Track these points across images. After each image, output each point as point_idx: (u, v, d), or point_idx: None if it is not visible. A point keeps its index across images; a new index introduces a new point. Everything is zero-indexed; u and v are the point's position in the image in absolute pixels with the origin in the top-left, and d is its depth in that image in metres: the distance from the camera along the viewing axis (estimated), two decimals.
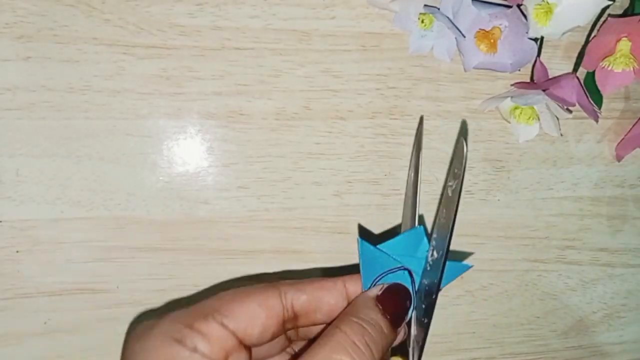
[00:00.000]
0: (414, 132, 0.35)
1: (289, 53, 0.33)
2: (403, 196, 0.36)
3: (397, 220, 0.36)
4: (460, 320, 0.38)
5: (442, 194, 0.25)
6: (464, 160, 0.24)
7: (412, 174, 0.30)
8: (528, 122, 0.36)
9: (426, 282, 0.26)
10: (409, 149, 0.35)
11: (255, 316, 0.24)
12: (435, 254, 0.25)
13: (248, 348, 0.24)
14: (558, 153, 0.38)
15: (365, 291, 0.25)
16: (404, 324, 0.25)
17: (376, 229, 0.36)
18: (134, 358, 0.23)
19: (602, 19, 0.35)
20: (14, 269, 0.32)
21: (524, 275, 0.39)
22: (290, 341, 0.28)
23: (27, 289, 0.32)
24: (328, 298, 0.25)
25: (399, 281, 0.26)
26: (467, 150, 0.24)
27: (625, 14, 0.35)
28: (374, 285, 0.26)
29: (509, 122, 0.36)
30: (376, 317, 0.24)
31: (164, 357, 0.22)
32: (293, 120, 0.34)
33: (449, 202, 0.25)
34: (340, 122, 0.34)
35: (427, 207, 0.36)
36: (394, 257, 0.26)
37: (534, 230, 0.39)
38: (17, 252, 0.32)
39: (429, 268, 0.25)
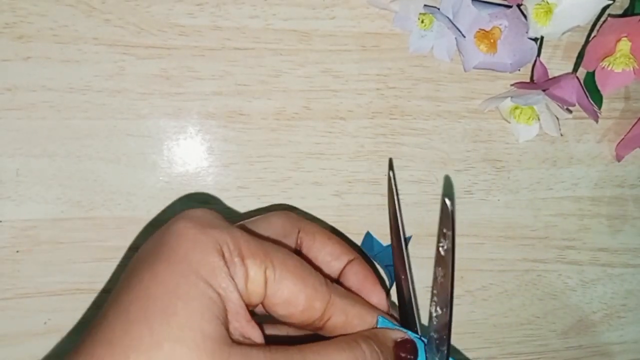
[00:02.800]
0: (414, 132, 0.35)
1: (289, 53, 0.33)
2: (403, 196, 0.36)
3: None
4: (460, 320, 0.38)
5: (436, 253, 0.24)
6: (451, 221, 0.23)
7: (394, 223, 0.29)
8: (528, 122, 0.36)
9: (435, 337, 0.25)
10: (409, 149, 0.35)
11: (292, 304, 0.21)
12: (439, 309, 0.25)
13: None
14: (558, 153, 0.38)
15: (389, 330, 0.25)
16: None
17: (376, 229, 0.36)
18: (160, 243, 0.20)
19: (602, 19, 0.35)
20: (14, 269, 0.32)
21: (523, 275, 0.39)
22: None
23: (27, 289, 0.32)
24: (360, 327, 0.24)
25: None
26: (453, 209, 0.23)
27: (625, 14, 0.35)
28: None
29: (509, 122, 0.36)
30: (388, 356, 0.24)
31: (201, 262, 0.19)
32: (293, 120, 0.34)
33: (444, 261, 0.24)
34: (340, 122, 0.34)
35: (427, 207, 0.36)
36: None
37: (534, 230, 0.39)
38: (17, 252, 0.32)
39: (435, 323, 0.25)
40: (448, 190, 0.35)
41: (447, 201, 0.23)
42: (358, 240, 0.36)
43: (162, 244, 0.20)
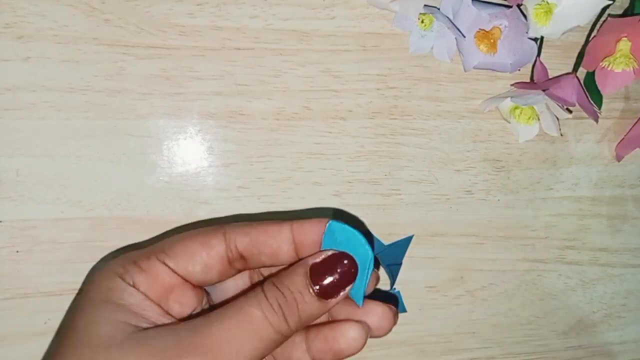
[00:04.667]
0: (414, 132, 0.35)
1: (289, 53, 0.33)
2: (403, 196, 0.36)
3: (397, 220, 0.36)
4: (460, 320, 0.38)
5: None
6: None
7: None
8: (528, 122, 0.36)
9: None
10: (409, 149, 0.35)
11: (195, 254, 0.25)
12: None
13: (198, 288, 0.26)
14: (558, 153, 0.38)
15: (307, 257, 0.25)
16: (341, 294, 0.24)
17: (376, 229, 0.36)
18: (83, 289, 0.25)
19: (602, 19, 0.35)
20: (14, 269, 0.32)
21: (523, 275, 0.39)
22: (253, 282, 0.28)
23: (27, 289, 0.32)
24: (271, 242, 0.25)
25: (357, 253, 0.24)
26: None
27: (625, 14, 0.35)
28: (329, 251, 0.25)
29: (509, 122, 0.36)
30: (299, 286, 0.24)
31: (101, 290, 0.24)
32: (293, 120, 0.34)
33: None
34: (340, 122, 0.34)
35: (428, 207, 0.36)
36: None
37: (534, 230, 0.39)
38: (17, 252, 0.32)
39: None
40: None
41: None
42: None
43: (83, 291, 0.26)
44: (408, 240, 0.36)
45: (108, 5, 0.31)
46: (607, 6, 0.33)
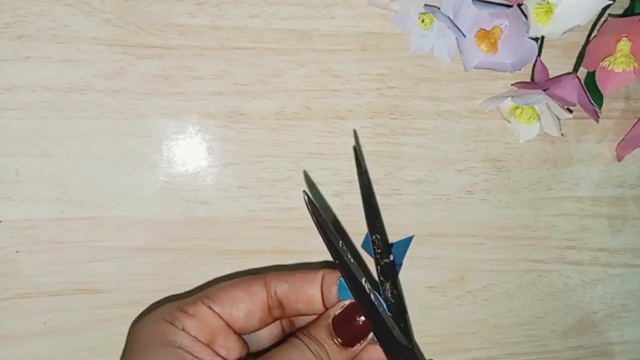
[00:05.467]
0: (414, 131, 0.35)
1: (289, 53, 0.33)
2: (403, 196, 0.36)
3: (397, 220, 0.36)
4: (461, 321, 0.38)
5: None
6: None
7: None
8: (528, 122, 0.36)
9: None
10: (409, 149, 0.35)
11: (239, 300, 0.26)
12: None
13: (239, 335, 0.27)
14: (558, 153, 0.38)
15: (329, 309, 0.27)
16: (364, 341, 0.26)
17: None
18: (130, 337, 0.26)
19: (602, 18, 0.35)
20: (14, 269, 0.32)
21: (524, 275, 0.39)
22: (285, 333, 0.30)
23: (27, 289, 0.32)
24: (307, 289, 0.27)
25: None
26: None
27: (625, 14, 0.35)
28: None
29: (510, 122, 0.36)
30: (325, 338, 0.26)
31: (154, 334, 0.25)
32: (293, 120, 0.34)
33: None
34: (340, 122, 0.34)
35: (428, 207, 0.36)
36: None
37: (534, 230, 0.38)
38: (17, 252, 0.32)
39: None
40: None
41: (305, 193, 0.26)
42: (358, 240, 0.35)
43: (131, 335, 0.26)
44: (408, 240, 0.36)
45: (108, 5, 0.31)
46: (608, 6, 0.33)
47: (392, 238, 0.36)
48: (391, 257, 0.28)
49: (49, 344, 0.33)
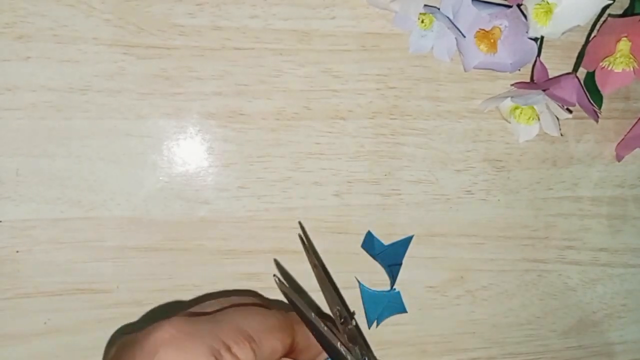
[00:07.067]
0: (414, 132, 0.35)
1: (289, 53, 0.33)
2: (403, 196, 0.36)
3: (397, 220, 0.36)
4: (460, 320, 0.38)
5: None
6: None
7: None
8: (528, 122, 0.36)
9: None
10: (409, 149, 0.35)
11: (276, 352, 0.26)
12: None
13: None
14: (558, 153, 0.38)
15: None
16: None
17: (376, 229, 0.36)
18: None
19: (602, 19, 0.35)
20: (14, 269, 0.32)
21: (524, 275, 0.39)
22: None
23: (27, 289, 0.32)
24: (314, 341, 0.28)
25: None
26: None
27: (625, 14, 0.35)
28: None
29: (509, 122, 0.36)
30: None
31: None
32: (293, 120, 0.34)
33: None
34: (340, 122, 0.34)
35: (428, 207, 0.36)
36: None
37: (534, 230, 0.38)
38: (17, 252, 0.32)
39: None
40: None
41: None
42: (358, 241, 0.36)
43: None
44: (408, 240, 0.36)
45: (108, 5, 0.31)
46: (607, 6, 0.33)
47: (392, 238, 0.36)
48: (354, 323, 0.30)
49: (49, 344, 0.33)
